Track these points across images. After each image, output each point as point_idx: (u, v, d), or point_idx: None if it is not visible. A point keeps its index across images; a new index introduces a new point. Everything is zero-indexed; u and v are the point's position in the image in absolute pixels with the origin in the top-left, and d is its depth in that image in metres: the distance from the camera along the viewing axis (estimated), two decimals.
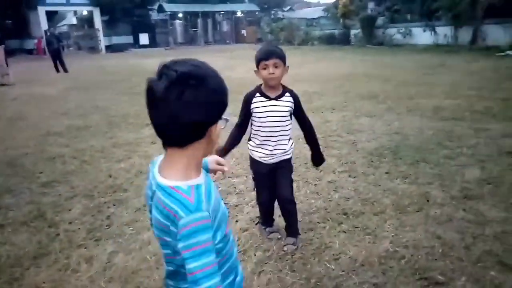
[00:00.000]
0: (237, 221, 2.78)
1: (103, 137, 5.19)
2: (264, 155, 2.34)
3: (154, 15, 34.26)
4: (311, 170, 3.72)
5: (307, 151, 4.23)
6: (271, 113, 2.26)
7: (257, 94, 2.28)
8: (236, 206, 3.03)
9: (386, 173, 3.59)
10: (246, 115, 2.33)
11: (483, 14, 15.93)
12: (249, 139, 2.43)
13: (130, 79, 11.41)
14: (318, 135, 4.87)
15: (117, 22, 31.59)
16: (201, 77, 0.94)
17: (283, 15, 39.84)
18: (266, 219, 2.61)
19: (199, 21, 34.10)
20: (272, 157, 2.33)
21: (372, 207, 2.93)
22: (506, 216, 2.70)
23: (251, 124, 2.35)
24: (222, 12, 36.48)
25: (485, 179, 3.32)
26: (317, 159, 2.54)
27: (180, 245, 0.90)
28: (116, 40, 30.67)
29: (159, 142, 3.53)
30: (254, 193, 3.22)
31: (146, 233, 2.62)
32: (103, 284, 2.14)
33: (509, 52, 13.93)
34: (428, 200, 2.99)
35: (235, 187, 3.37)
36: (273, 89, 2.26)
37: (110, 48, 28.54)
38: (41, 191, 3.44)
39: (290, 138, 2.38)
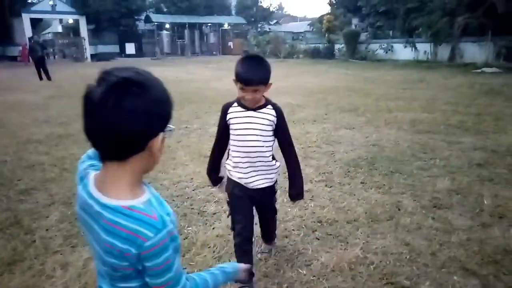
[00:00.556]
0: (213, 228, 2.83)
1: (84, 145, 5.10)
2: (243, 177, 2.02)
3: (141, 25, 34.32)
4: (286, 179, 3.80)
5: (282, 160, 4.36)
6: (248, 125, 1.94)
7: (235, 104, 1.99)
8: (214, 214, 3.08)
9: (362, 183, 3.71)
10: (223, 128, 2.02)
11: (460, 33, 16.57)
12: (227, 158, 2.11)
13: None
14: (299, 146, 5.01)
15: (103, 31, 31.54)
16: (144, 84, 0.85)
17: (269, 28, 40.46)
18: (243, 260, 1.97)
19: (186, 32, 34.29)
20: (251, 181, 2.02)
21: (346, 215, 3.02)
22: (471, 225, 2.83)
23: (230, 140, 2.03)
24: (209, 24, 36.81)
25: (455, 190, 3.47)
26: (294, 193, 2.15)
27: (147, 264, 0.87)
28: (102, 49, 30.54)
29: None
30: None
31: None
32: None
33: (484, 69, 14.49)
34: (399, 209, 3.11)
35: (213, 196, 3.42)
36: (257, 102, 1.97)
37: (96, 57, 28.38)
38: (19, 198, 3.43)
39: (274, 160, 2.06)
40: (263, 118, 1.95)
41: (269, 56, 28.63)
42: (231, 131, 2.00)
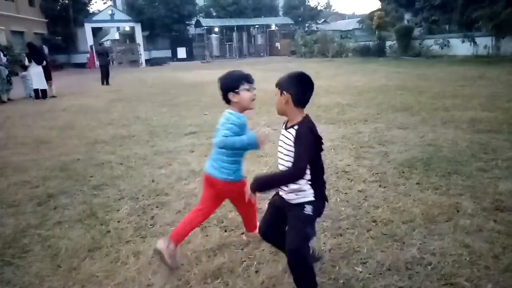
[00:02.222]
0: None
1: (145, 145, 5.56)
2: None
3: (192, 30, 35.57)
4: (342, 179, 3.84)
5: (338, 161, 4.39)
6: (279, 142, 2.00)
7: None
8: None
9: (417, 183, 3.65)
10: None
11: None
12: None
13: (168, 92, 11.97)
14: (350, 146, 5.02)
15: (156, 37, 33.13)
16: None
17: (317, 28, 40.09)
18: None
19: (234, 34, 35.00)
20: (282, 193, 2.05)
21: (401, 215, 3.01)
22: None
23: None
24: (256, 26, 37.26)
25: None
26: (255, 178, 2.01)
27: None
28: (155, 54, 32.11)
29: (197, 150, 3.95)
30: None
31: None
32: (150, 275, 2.39)
33: None
34: (458, 211, 3.04)
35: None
36: (289, 118, 1.98)
37: (150, 62, 29.89)
38: (92, 193, 3.79)
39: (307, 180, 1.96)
40: (287, 138, 1.93)
41: (317, 56, 28.41)
42: None
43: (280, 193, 2.07)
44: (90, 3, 32.43)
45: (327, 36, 30.71)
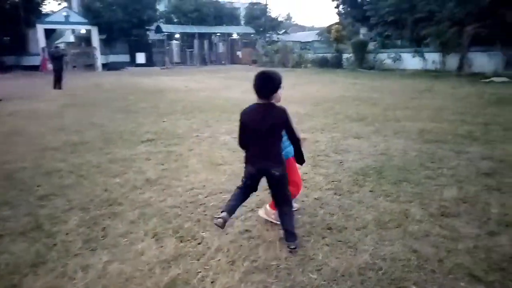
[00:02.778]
0: (227, 233, 2.93)
1: (99, 152, 5.34)
2: None
3: (152, 35, 34.90)
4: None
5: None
6: None
7: None
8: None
9: (370, 191, 3.78)
10: None
11: (469, 43, 16.59)
12: None
13: (125, 97, 11.63)
14: (308, 155, 5.09)
15: (114, 41, 32.14)
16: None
17: (278, 38, 40.83)
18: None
19: (196, 41, 34.79)
20: None
21: (355, 222, 3.10)
22: (479, 233, 2.89)
23: None
24: (218, 34, 37.30)
25: (462, 198, 3.52)
26: None
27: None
28: (113, 58, 31.12)
29: (153, 158, 3.85)
30: (244, 208, 3.40)
31: (140, 244, 2.76)
32: None
33: (493, 78, 14.47)
34: (407, 217, 3.18)
35: (225, 203, 3.52)
36: None
37: (107, 66, 28.92)
38: (39, 204, 3.56)
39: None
40: None
41: (277, 66, 28.87)
42: None
43: None
44: (43, 3, 30.86)
45: (287, 46, 31.34)
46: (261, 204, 3.48)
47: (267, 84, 2.68)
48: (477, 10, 16.38)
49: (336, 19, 36.89)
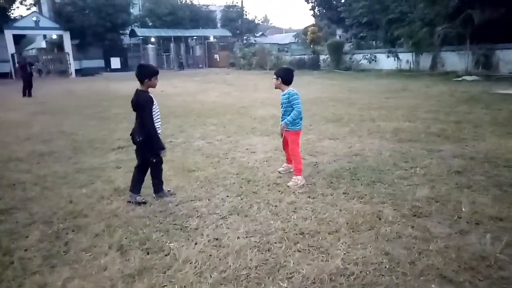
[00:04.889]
0: (195, 243, 2.83)
1: (66, 162, 5.13)
2: None
3: (126, 39, 34.32)
4: (272, 192, 3.84)
5: (270, 173, 4.39)
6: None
7: None
8: (196, 229, 3.07)
9: (344, 193, 3.75)
10: None
11: (440, 42, 17.00)
12: None
13: (99, 104, 11.34)
14: (283, 158, 5.02)
15: (88, 46, 31.44)
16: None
17: (255, 40, 40.89)
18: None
19: (172, 45, 34.43)
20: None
21: (327, 226, 3.05)
22: (450, 232, 2.89)
23: None
24: (195, 37, 37.03)
25: (434, 198, 3.54)
26: None
27: None
28: (86, 64, 30.44)
29: (124, 167, 3.69)
30: (215, 216, 3.30)
31: (103, 258, 2.62)
32: None
33: (465, 77, 14.87)
34: (380, 219, 3.15)
35: (197, 211, 3.42)
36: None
37: (80, 72, 28.24)
38: None
39: None
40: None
41: (255, 68, 28.91)
42: None
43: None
44: (11, 8, 29.84)
45: (265, 49, 31.39)
46: (234, 210, 3.40)
47: (138, 73, 3.49)
48: (446, 11, 16.82)
49: (312, 21, 37.27)
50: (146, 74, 3.48)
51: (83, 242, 2.91)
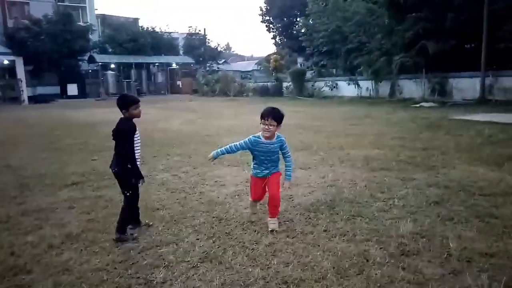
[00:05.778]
0: None
1: (10, 203, 4.51)
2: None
3: (85, 65, 33.20)
4: (248, 232, 3.49)
5: (243, 210, 4.06)
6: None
7: None
8: (163, 283, 2.65)
9: (324, 230, 3.48)
10: None
11: (397, 71, 17.77)
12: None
13: (52, 133, 10.56)
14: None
15: (42, 72, 30.01)
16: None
17: (218, 68, 41.06)
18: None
19: (133, 71, 33.71)
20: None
21: (312, 272, 2.74)
22: (443, 273, 2.67)
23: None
24: (156, 64, 36.55)
25: (418, 233, 3.34)
26: None
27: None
28: (41, 90, 28.96)
29: (78, 206, 3.12)
30: (184, 265, 2.90)
31: None
32: None
33: (422, 104, 15.49)
34: (367, 260, 2.89)
35: (163, 259, 3.00)
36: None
37: (34, 99, 26.76)
38: None
39: None
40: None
41: (219, 94, 28.83)
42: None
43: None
44: None
45: (228, 76, 31.52)
46: (205, 257, 3.01)
47: (117, 104, 3.40)
48: (403, 42, 17.71)
49: (273, 49, 38.17)
50: (124, 104, 3.36)
51: None
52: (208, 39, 42.20)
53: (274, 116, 3.45)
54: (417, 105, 15.42)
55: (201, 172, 5.81)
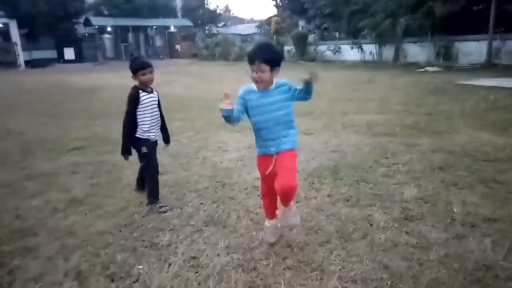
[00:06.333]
0: (169, 264, 2.43)
1: (13, 168, 4.51)
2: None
3: (81, 29, 32.36)
4: (251, 196, 3.50)
5: (246, 175, 4.05)
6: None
7: None
8: (169, 245, 2.67)
9: (328, 195, 3.48)
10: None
11: (402, 34, 17.29)
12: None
13: (51, 98, 10.43)
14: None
15: (38, 35, 29.28)
16: None
17: (217, 31, 40.03)
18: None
19: (130, 35, 32.92)
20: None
21: (316, 236, 2.76)
22: (447, 237, 2.69)
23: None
24: (154, 27, 35.60)
25: (422, 198, 3.35)
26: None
27: None
28: (37, 54, 28.39)
29: (81, 171, 3.07)
30: (189, 228, 2.92)
31: None
32: None
33: (427, 68, 15.20)
34: (371, 224, 2.91)
35: (168, 222, 3.02)
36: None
37: (31, 64, 26.30)
38: None
39: None
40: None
41: (219, 59, 28.29)
42: None
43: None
44: None
45: (228, 39, 30.79)
46: (210, 221, 3.02)
47: (129, 67, 3.21)
48: (408, 3, 17.10)
49: (274, 11, 37.02)
50: (131, 69, 3.20)
51: (31, 269, 2.43)
52: (207, 1, 40.88)
53: (264, 57, 2.30)
54: (422, 70, 15.13)
55: (204, 137, 5.77)
